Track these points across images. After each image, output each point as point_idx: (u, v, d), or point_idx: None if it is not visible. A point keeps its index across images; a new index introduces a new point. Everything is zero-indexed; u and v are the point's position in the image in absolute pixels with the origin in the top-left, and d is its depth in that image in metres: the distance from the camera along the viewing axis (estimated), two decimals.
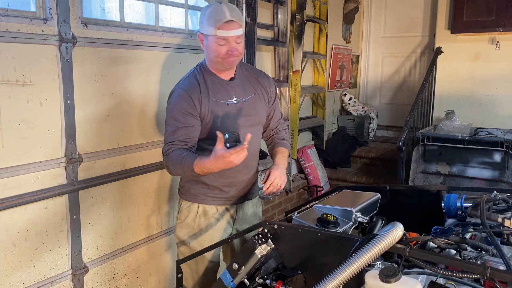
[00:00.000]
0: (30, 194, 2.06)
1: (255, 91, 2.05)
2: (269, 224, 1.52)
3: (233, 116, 1.96)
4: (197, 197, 2.05)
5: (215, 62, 1.92)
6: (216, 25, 1.82)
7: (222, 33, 1.83)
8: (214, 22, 1.82)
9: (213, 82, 1.95)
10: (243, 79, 2.05)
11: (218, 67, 1.94)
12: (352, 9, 5.26)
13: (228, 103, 1.96)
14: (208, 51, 1.91)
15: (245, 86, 2.03)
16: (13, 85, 1.95)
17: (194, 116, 1.89)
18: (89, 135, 2.30)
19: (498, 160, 3.69)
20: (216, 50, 1.86)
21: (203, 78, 1.95)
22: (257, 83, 2.08)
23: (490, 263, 1.29)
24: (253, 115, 2.03)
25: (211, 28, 1.83)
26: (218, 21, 1.81)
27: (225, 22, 1.81)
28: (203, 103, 1.90)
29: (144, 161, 2.62)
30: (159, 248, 2.83)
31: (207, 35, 1.87)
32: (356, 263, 1.21)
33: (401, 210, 1.91)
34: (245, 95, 2.01)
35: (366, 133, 5.33)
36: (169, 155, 1.85)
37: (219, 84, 1.96)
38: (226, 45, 1.85)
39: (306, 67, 4.42)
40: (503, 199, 1.76)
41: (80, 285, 2.35)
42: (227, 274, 1.56)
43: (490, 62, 4.66)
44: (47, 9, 2.04)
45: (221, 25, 1.81)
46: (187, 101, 1.89)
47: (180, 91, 1.93)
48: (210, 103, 1.91)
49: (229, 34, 1.83)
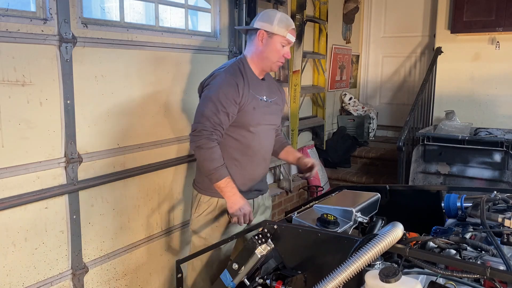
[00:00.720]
0: (30, 194, 2.06)
1: (276, 96, 2.28)
2: (269, 224, 1.52)
3: (263, 112, 2.16)
4: (215, 192, 2.11)
5: (267, 61, 2.12)
6: (288, 29, 2.09)
7: (291, 37, 2.11)
8: (285, 26, 2.09)
9: (251, 76, 2.14)
10: (269, 83, 2.28)
11: (263, 66, 2.15)
12: (352, 9, 5.26)
13: (261, 99, 2.16)
14: (267, 49, 2.10)
15: (271, 89, 2.26)
16: (13, 85, 1.95)
17: (235, 105, 2.04)
18: (89, 135, 2.30)
19: (498, 160, 3.69)
20: (277, 50, 2.10)
21: (244, 70, 2.13)
22: (277, 90, 2.32)
23: (490, 263, 1.29)
24: (274, 116, 2.26)
25: (283, 30, 2.08)
26: (289, 26, 2.10)
27: (292, 28, 2.12)
28: (245, 93, 2.07)
29: (144, 161, 2.62)
30: (159, 248, 2.83)
31: (274, 34, 2.08)
32: (356, 263, 1.21)
33: (401, 210, 1.91)
34: (270, 97, 2.23)
35: (366, 133, 5.33)
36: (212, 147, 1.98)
37: (255, 80, 2.16)
38: (286, 48, 2.12)
39: (306, 67, 4.42)
40: (503, 199, 1.76)
41: (80, 285, 2.35)
42: (227, 274, 1.56)
43: (490, 62, 4.66)
44: (47, 9, 2.04)
45: (290, 30, 2.10)
46: (233, 87, 2.04)
47: (227, 76, 2.08)
48: (249, 94, 2.09)
49: (293, 39, 2.14)
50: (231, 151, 2.12)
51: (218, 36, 3.10)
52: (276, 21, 2.08)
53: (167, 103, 2.72)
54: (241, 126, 2.09)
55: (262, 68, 2.17)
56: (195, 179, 2.27)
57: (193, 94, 2.91)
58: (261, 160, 2.21)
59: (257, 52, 2.13)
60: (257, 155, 2.19)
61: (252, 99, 2.09)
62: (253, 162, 2.17)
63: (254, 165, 2.19)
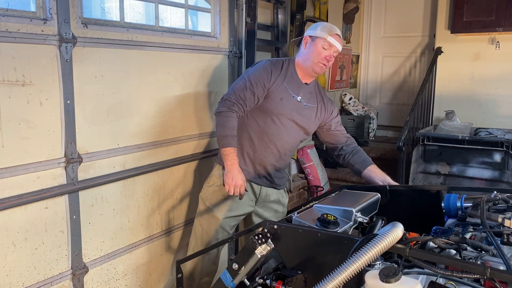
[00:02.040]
0: (30, 194, 2.06)
1: (317, 105, 2.38)
2: (269, 224, 1.52)
3: (291, 107, 2.28)
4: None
5: (310, 62, 2.25)
6: (329, 32, 2.23)
7: (332, 40, 2.23)
8: (327, 30, 2.24)
9: (291, 75, 2.29)
10: (313, 91, 2.39)
11: (307, 67, 2.27)
12: (352, 9, 5.26)
13: (294, 96, 2.29)
14: (309, 51, 2.26)
15: (312, 95, 2.37)
16: (13, 85, 1.95)
17: (264, 88, 2.20)
18: (89, 135, 2.30)
19: (498, 160, 3.69)
20: (318, 52, 2.23)
21: (288, 67, 2.29)
22: (321, 101, 2.41)
23: (490, 263, 1.29)
24: (305, 119, 2.35)
25: (324, 33, 2.22)
26: (331, 31, 2.24)
27: (335, 33, 2.25)
28: (277, 82, 2.23)
29: (144, 161, 2.62)
30: (159, 248, 2.83)
31: (316, 37, 2.24)
32: (356, 263, 1.21)
33: (401, 210, 1.91)
34: (307, 101, 2.34)
35: (366, 133, 5.33)
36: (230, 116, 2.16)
37: (295, 80, 2.30)
38: (328, 51, 2.22)
39: None
40: (503, 199, 1.76)
41: (80, 285, 2.35)
42: (227, 274, 1.56)
43: (490, 62, 4.66)
44: (47, 9, 2.04)
45: (332, 34, 2.23)
46: (267, 73, 2.22)
47: (267, 63, 2.28)
48: (282, 86, 2.24)
49: (335, 43, 2.24)
50: (250, 131, 2.31)
51: (218, 36, 3.10)
52: (320, 27, 2.27)
53: (167, 103, 2.72)
54: (264, 111, 2.25)
55: (306, 71, 2.29)
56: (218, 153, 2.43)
57: (193, 94, 2.91)
58: (275, 150, 2.32)
59: (301, 55, 2.31)
60: (272, 144, 2.31)
61: (283, 91, 2.24)
62: (267, 149, 2.32)
63: (267, 152, 2.33)
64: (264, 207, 2.46)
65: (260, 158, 2.35)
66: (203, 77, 2.98)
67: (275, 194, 2.48)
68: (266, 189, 2.44)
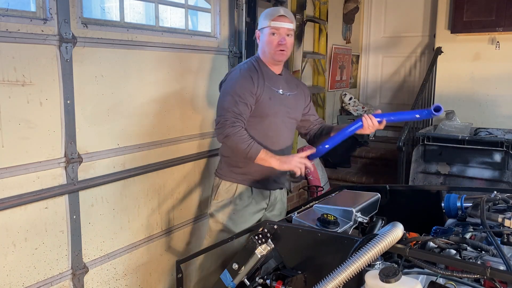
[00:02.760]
0: (30, 194, 2.06)
1: (296, 90, 2.38)
2: (269, 224, 1.52)
3: (279, 103, 2.26)
4: (235, 177, 2.30)
5: (268, 53, 2.23)
6: (271, 18, 2.19)
7: (276, 24, 2.18)
8: (269, 16, 2.20)
9: (266, 72, 2.27)
10: (287, 78, 2.39)
11: (270, 59, 2.25)
12: (352, 9, 5.26)
13: (277, 91, 2.27)
14: (263, 43, 2.25)
15: (289, 83, 2.36)
16: (13, 85, 1.95)
17: (252, 95, 2.17)
18: (89, 135, 2.30)
19: (498, 160, 3.69)
20: (269, 41, 2.20)
21: (259, 66, 2.27)
22: (297, 85, 2.43)
23: (490, 263, 1.29)
24: (293, 109, 2.34)
25: (267, 21, 2.20)
26: (273, 15, 2.20)
27: (278, 15, 2.19)
28: (260, 84, 2.20)
29: (144, 161, 2.62)
30: (159, 248, 2.83)
31: (263, 28, 2.23)
32: (356, 263, 1.21)
33: (401, 210, 1.91)
34: (289, 90, 2.33)
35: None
36: (237, 129, 2.07)
37: (271, 75, 2.28)
38: (278, 36, 2.19)
39: (306, 67, 4.42)
40: (503, 199, 1.76)
41: (80, 285, 2.35)
42: (227, 274, 1.56)
43: (490, 62, 4.66)
44: (47, 9, 2.04)
45: (275, 18, 2.18)
46: (248, 80, 2.18)
47: (242, 71, 2.24)
48: (265, 86, 2.21)
49: (281, 25, 2.19)
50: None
51: (218, 36, 3.10)
52: (263, 17, 2.25)
53: (167, 103, 2.72)
54: (259, 117, 2.21)
55: (271, 62, 2.27)
56: (217, 167, 2.42)
57: (193, 94, 2.91)
58: (278, 151, 2.27)
59: (260, 50, 2.30)
60: (275, 145, 2.28)
61: (268, 90, 2.22)
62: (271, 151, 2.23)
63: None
64: (271, 211, 2.44)
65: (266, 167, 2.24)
66: (203, 77, 2.98)
67: (279, 194, 2.48)
68: (275, 192, 2.42)
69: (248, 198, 2.31)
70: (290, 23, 2.21)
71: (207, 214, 2.39)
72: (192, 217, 3.06)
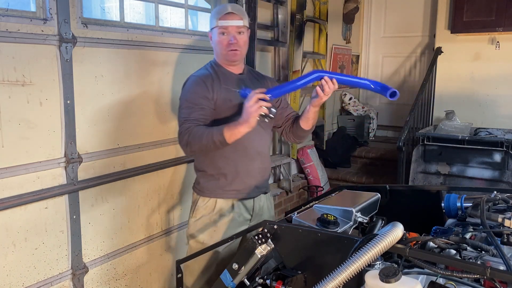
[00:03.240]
0: (30, 194, 2.06)
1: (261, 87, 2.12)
2: (269, 224, 1.52)
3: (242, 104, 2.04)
4: (215, 192, 2.11)
5: (221, 55, 2.10)
6: (218, 17, 2.04)
7: (223, 22, 2.03)
8: (217, 15, 2.05)
9: (223, 73, 2.12)
10: (251, 76, 2.23)
11: (223, 60, 2.12)
12: (352, 9, 5.26)
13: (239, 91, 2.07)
14: (214, 45, 2.11)
15: (253, 81, 2.20)
16: (13, 85, 1.95)
17: (208, 99, 2.03)
18: (89, 135, 2.30)
19: (498, 160, 3.69)
20: (219, 41, 2.06)
21: (214, 70, 2.13)
22: (263, 81, 2.26)
23: (490, 263, 1.29)
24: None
25: (214, 21, 2.06)
26: (220, 13, 2.04)
27: (225, 13, 2.03)
28: (215, 87, 2.05)
29: (144, 161, 2.62)
30: (159, 248, 2.83)
31: (212, 28, 2.08)
32: (356, 263, 1.20)
33: (401, 210, 1.90)
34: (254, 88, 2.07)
35: (366, 133, 5.33)
36: (192, 131, 1.93)
37: (229, 76, 2.13)
38: (227, 35, 2.04)
39: (306, 67, 4.42)
40: (503, 199, 1.75)
41: (80, 285, 2.35)
42: (227, 274, 1.55)
43: (490, 62, 4.66)
44: (47, 9, 2.04)
45: (222, 16, 2.03)
46: (200, 86, 2.05)
47: (194, 78, 2.11)
48: (221, 89, 2.07)
49: (229, 23, 2.03)
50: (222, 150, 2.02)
51: None
52: (210, 18, 2.11)
53: (167, 103, 2.72)
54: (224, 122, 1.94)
55: (225, 63, 2.13)
56: (194, 181, 2.23)
57: None
58: (254, 154, 2.12)
59: (214, 51, 2.17)
60: (249, 149, 2.11)
61: (227, 94, 2.06)
62: (246, 156, 2.10)
63: (248, 159, 2.12)
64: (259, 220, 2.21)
65: (244, 169, 2.13)
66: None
67: (265, 202, 2.29)
68: (259, 200, 2.23)
69: (229, 212, 2.13)
70: (239, 20, 2.04)
71: (187, 236, 2.20)
72: None
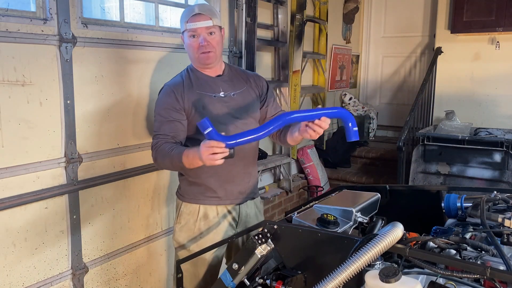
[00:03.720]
0: (30, 194, 2.06)
1: (245, 86, 2.09)
2: (269, 224, 1.52)
3: (220, 107, 2.00)
4: (197, 198, 2.04)
5: (194, 58, 2.00)
6: (186, 20, 1.94)
7: (191, 25, 1.93)
8: (185, 18, 1.95)
9: (198, 78, 2.02)
10: (232, 76, 2.10)
11: (198, 64, 2.02)
12: (352, 9, 5.26)
13: (215, 95, 2.01)
14: (186, 49, 2.01)
15: (234, 82, 2.08)
16: (13, 85, 1.95)
17: (177, 110, 1.95)
18: (89, 135, 2.30)
19: (498, 160, 3.69)
20: (190, 45, 1.96)
21: (188, 75, 2.03)
22: (246, 79, 2.12)
23: (490, 263, 1.29)
24: (243, 108, 2.05)
25: (183, 24, 1.95)
26: (188, 16, 1.94)
27: (193, 15, 1.92)
28: (186, 97, 1.96)
29: (144, 161, 2.62)
30: (159, 248, 2.83)
31: (182, 32, 1.98)
32: (356, 263, 1.20)
33: (401, 210, 1.91)
34: (233, 90, 2.05)
35: (366, 133, 5.33)
36: (158, 148, 1.89)
37: (204, 80, 2.03)
38: (197, 38, 1.94)
39: (306, 67, 4.42)
40: (503, 199, 1.76)
41: (80, 285, 2.35)
42: (227, 274, 1.55)
43: (490, 62, 4.66)
44: (47, 9, 2.04)
45: (189, 19, 1.93)
46: (170, 96, 1.96)
47: (165, 87, 2.02)
48: (194, 95, 1.97)
49: (197, 25, 1.92)
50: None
51: None
52: (180, 21, 2.00)
53: None
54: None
55: (199, 66, 2.03)
56: (178, 187, 2.16)
57: None
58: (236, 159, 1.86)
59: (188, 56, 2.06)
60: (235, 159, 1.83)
61: (200, 100, 1.97)
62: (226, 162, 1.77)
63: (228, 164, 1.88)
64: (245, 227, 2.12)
65: (226, 176, 2.02)
66: None
67: (253, 209, 2.17)
68: (245, 206, 2.12)
69: (214, 218, 2.05)
70: (208, 20, 1.93)
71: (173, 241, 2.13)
72: None
